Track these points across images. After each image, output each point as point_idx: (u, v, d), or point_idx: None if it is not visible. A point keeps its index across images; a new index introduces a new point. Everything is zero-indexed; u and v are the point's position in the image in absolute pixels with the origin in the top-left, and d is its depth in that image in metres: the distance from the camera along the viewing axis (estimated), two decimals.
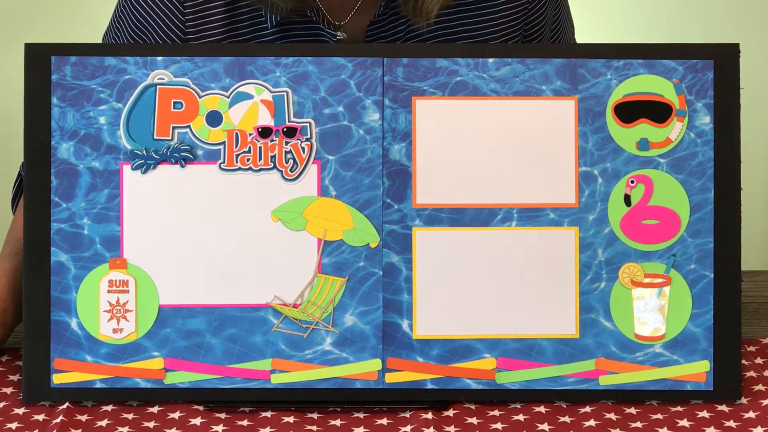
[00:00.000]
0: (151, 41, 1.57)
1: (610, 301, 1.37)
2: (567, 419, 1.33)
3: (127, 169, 1.37)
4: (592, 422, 1.32)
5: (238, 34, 1.55)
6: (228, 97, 1.37)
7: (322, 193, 1.37)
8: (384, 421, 1.33)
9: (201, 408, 1.36)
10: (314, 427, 1.32)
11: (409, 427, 1.32)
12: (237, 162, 1.37)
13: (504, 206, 1.37)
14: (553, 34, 1.67)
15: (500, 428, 1.32)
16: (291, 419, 1.33)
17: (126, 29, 1.59)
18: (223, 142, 1.37)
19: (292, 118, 1.37)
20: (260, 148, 1.37)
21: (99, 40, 1.69)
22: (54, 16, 3.05)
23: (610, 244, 1.38)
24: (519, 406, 1.36)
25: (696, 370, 1.37)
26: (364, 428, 1.32)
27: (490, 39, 1.59)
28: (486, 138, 1.37)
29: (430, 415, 1.33)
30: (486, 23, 1.58)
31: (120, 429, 1.31)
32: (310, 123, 1.37)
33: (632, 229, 1.38)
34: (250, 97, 1.37)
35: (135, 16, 1.57)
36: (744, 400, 1.37)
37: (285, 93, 1.37)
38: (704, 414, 1.34)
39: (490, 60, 1.38)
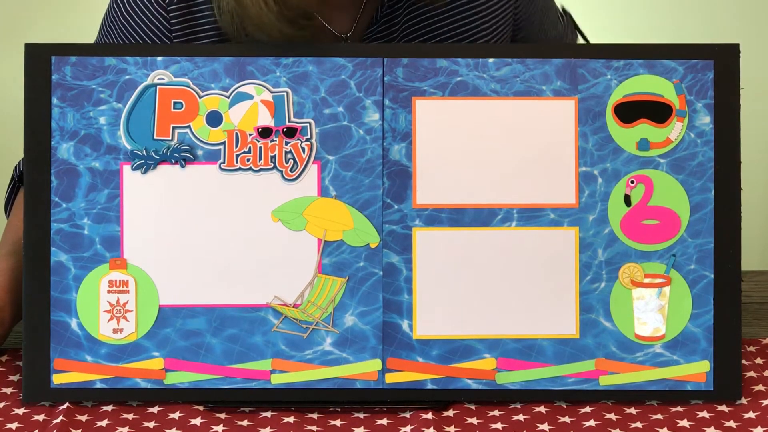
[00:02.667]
0: None
1: (610, 301, 1.37)
2: (567, 419, 1.33)
3: (127, 169, 1.37)
4: (592, 422, 1.32)
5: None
6: (228, 97, 1.37)
7: (322, 193, 1.37)
8: (384, 421, 1.33)
9: (201, 408, 1.36)
10: (314, 427, 1.32)
11: (409, 427, 1.32)
12: (237, 162, 1.37)
13: (504, 206, 1.37)
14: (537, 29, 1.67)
15: (500, 428, 1.32)
16: (291, 419, 1.33)
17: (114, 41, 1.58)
18: (223, 142, 1.37)
19: (292, 118, 1.37)
20: (260, 148, 1.37)
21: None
22: (54, 16, 3.05)
23: (610, 244, 1.38)
24: (519, 406, 1.36)
25: (696, 371, 1.37)
26: (364, 428, 1.32)
27: (482, 38, 1.58)
28: (486, 138, 1.37)
29: (430, 415, 1.33)
30: (477, 22, 1.58)
31: (120, 429, 1.31)
32: (310, 123, 1.37)
33: (632, 229, 1.38)
34: (250, 97, 1.37)
35: (121, 30, 1.56)
36: (744, 400, 1.37)
37: (285, 93, 1.37)
38: (704, 414, 1.34)
39: (490, 60, 1.38)
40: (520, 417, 1.34)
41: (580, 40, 1.78)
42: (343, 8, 1.54)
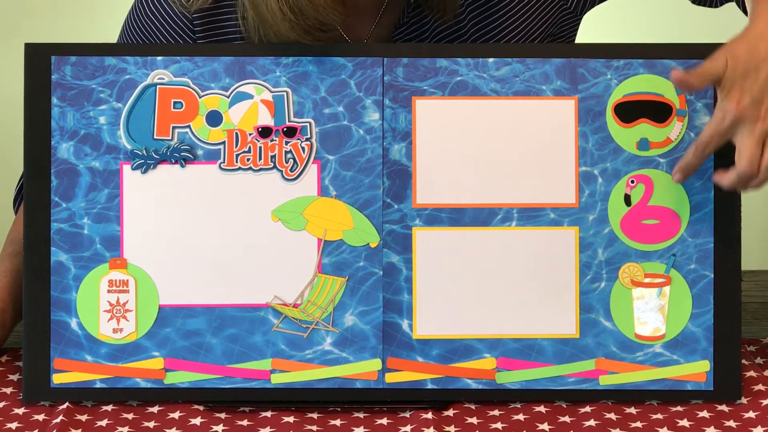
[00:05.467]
0: None
1: (610, 301, 1.37)
2: (567, 419, 1.33)
3: (127, 169, 1.37)
4: (592, 422, 1.32)
5: None
6: (228, 97, 1.37)
7: (322, 193, 1.37)
8: (384, 421, 1.33)
9: (201, 408, 1.36)
10: (314, 427, 1.32)
11: (409, 427, 1.32)
12: (237, 162, 1.37)
13: (504, 206, 1.37)
14: None
15: (500, 428, 1.32)
16: (291, 419, 1.33)
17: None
18: (223, 142, 1.37)
19: (292, 118, 1.37)
20: (260, 148, 1.37)
21: (98, 40, 1.69)
22: (54, 16, 3.05)
23: (610, 244, 1.38)
24: (519, 406, 1.36)
25: (696, 370, 1.37)
26: (364, 428, 1.32)
27: (513, 39, 1.57)
28: (486, 138, 1.37)
29: (430, 415, 1.33)
30: (507, 22, 1.56)
31: (120, 429, 1.31)
32: (310, 123, 1.37)
33: (632, 229, 1.38)
34: (250, 96, 1.37)
35: (144, 32, 1.56)
36: (744, 400, 1.37)
37: (285, 93, 1.37)
38: (704, 414, 1.34)
39: (490, 60, 1.38)
40: (520, 417, 1.34)
41: None
42: (361, 16, 1.53)
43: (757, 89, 1.28)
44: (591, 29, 1.71)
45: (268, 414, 1.35)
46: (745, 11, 1.46)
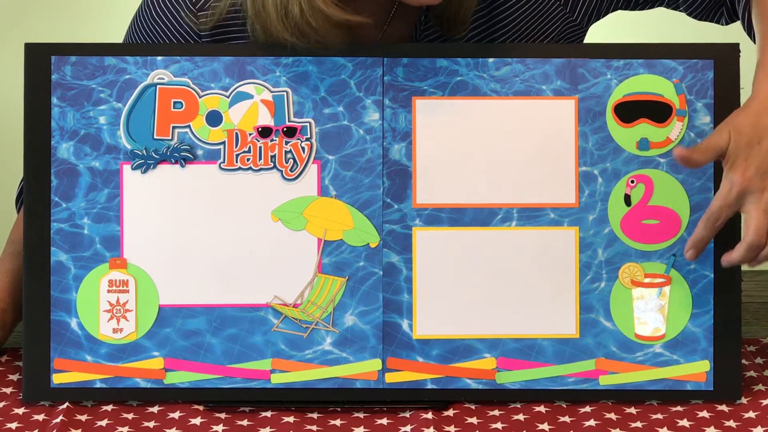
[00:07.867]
0: None
1: (610, 301, 1.37)
2: (567, 419, 1.33)
3: (127, 169, 1.37)
4: (592, 422, 1.32)
5: None
6: (228, 97, 1.37)
7: (322, 192, 1.37)
8: (384, 421, 1.33)
9: (201, 408, 1.36)
10: (314, 427, 1.32)
11: (409, 427, 1.32)
12: (237, 162, 1.37)
13: (504, 206, 1.37)
14: None
15: (500, 428, 1.32)
16: (291, 419, 1.33)
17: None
18: (223, 142, 1.37)
19: (292, 118, 1.37)
20: (260, 147, 1.37)
21: (98, 40, 1.69)
22: (54, 16, 3.05)
23: (610, 244, 1.38)
24: (519, 406, 1.36)
25: (696, 370, 1.37)
26: (364, 428, 1.32)
27: (539, 37, 1.57)
28: (486, 138, 1.37)
29: (430, 415, 1.33)
30: (507, 25, 1.56)
31: (120, 429, 1.31)
32: (310, 123, 1.37)
33: (632, 229, 1.38)
34: (250, 96, 1.37)
35: (150, 32, 1.56)
36: (744, 400, 1.37)
37: (285, 93, 1.37)
38: (704, 414, 1.34)
39: (490, 60, 1.38)
40: (520, 417, 1.34)
41: None
42: (365, 35, 1.53)
43: (761, 160, 1.30)
44: (591, 29, 1.71)
45: (268, 414, 1.35)
46: (749, 33, 1.46)
